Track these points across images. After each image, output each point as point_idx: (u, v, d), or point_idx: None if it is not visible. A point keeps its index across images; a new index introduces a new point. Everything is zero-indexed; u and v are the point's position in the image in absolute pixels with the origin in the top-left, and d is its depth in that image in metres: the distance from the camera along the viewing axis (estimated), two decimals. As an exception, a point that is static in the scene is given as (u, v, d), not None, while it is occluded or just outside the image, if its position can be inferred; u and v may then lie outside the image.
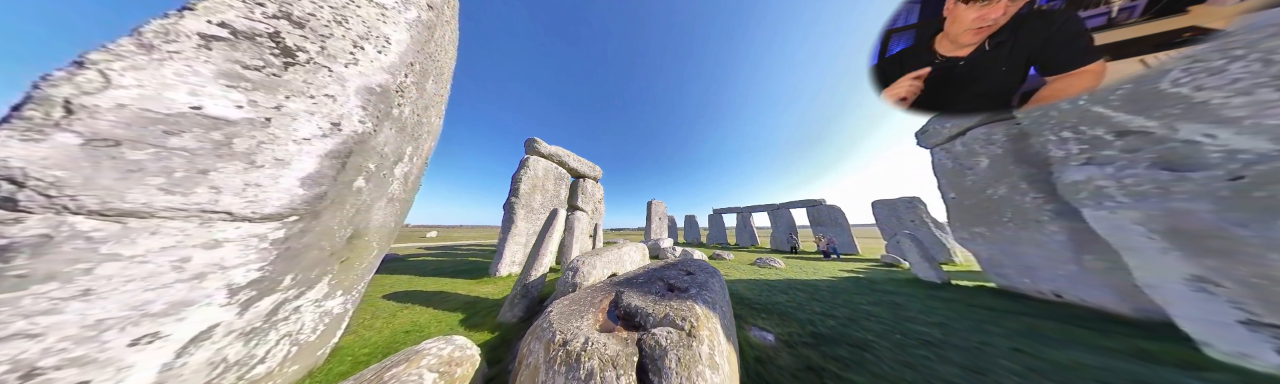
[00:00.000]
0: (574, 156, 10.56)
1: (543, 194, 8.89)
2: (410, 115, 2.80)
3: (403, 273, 7.92)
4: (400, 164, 2.75)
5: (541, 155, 9.24)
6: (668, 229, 21.63)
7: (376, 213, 2.52)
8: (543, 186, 8.95)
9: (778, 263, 9.41)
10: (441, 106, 3.69)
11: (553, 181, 9.46)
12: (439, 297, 5.20)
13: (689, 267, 3.31)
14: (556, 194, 9.59)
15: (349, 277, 2.46)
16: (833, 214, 16.96)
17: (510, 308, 3.79)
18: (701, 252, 10.55)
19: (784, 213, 18.69)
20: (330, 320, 2.41)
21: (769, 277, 7.44)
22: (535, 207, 8.44)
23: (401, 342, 3.22)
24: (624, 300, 2.08)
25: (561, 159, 9.92)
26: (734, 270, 8.31)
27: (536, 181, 8.66)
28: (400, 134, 2.60)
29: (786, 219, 18.32)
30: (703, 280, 2.71)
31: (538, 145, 9.06)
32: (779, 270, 8.58)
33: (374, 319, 3.95)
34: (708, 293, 2.23)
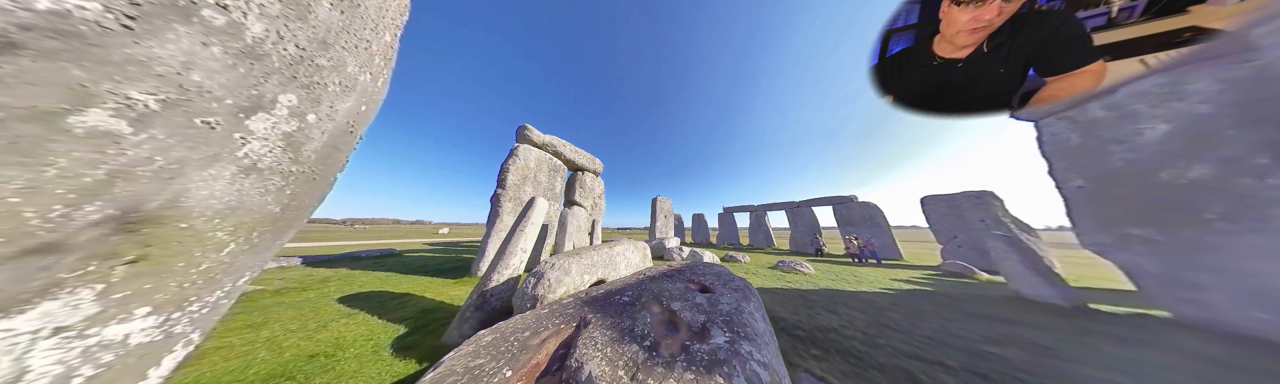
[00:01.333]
0: (571, 147, 9.66)
1: (535, 186, 8.01)
2: (292, 50, 1.91)
3: (388, 269, 7.20)
4: (263, 115, 1.84)
5: (534, 144, 8.35)
6: (674, 228, 20.54)
7: (205, 184, 1.61)
8: (535, 178, 8.07)
9: (805, 267, 8.03)
10: (374, 61, 2.77)
11: (546, 173, 8.57)
12: (400, 301, 4.35)
13: (702, 276, 2.31)
14: (550, 187, 8.69)
15: (166, 286, 1.57)
16: (867, 212, 14.82)
17: (459, 325, 2.86)
18: (712, 253, 9.42)
19: (805, 211, 17.11)
20: (126, 355, 1.52)
21: (800, 284, 6.14)
22: (525, 199, 7.56)
23: (294, 374, 2.33)
24: (579, 352, 1.11)
25: (557, 149, 9.02)
26: (753, 276, 7.10)
27: (527, 172, 7.78)
28: (253, 68, 1.69)
29: (808, 218, 16.74)
30: (731, 309, 1.59)
31: (530, 133, 8.18)
32: (809, 277, 7.19)
33: (290, 334, 3.08)
34: (750, 347, 1.15)
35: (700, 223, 23.92)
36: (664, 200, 17.03)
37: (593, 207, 10.37)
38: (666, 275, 2.48)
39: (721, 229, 21.95)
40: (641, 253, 5.13)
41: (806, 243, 15.39)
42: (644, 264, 5.05)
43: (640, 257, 4.97)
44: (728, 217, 22.00)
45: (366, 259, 9.25)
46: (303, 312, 3.80)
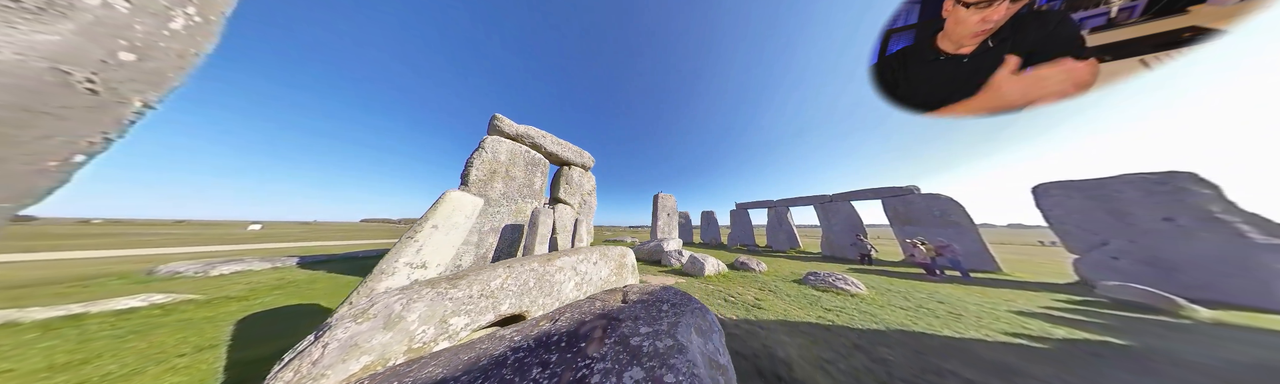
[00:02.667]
0: (553, 139, 8.79)
1: (507, 182, 7.23)
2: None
3: (343, 272, 6.76)
4: None
5: (506, 136, 7.56)
6: (679, 228, 19.21)
7: None
8: (508, 173, 7.29)
9: (850, 283, 5.46)
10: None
11: (522, 168, 7.76)
12: (310, 321, 3.66)
13: (630, 336, 1.36)
14: (527, 183, 7.88)
15: None
16: (940, 208, 11.03)
17: None
18: (717, 258, 7.61)
19: (841, 206, 14.22)
20: None
21: (848, 316, 3.89)
22: (494, 197, 6.81)
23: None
24: None
25: (535, 141, 8.17)
26: (772, 296, 5.02)
27: (497, 167, 6.99)
28: None
29: (846, 215, 13.91)
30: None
31: (501, 124, 7.37)
32: (861, 301, 4.79)
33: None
34: None
35: (710, 221, 22.38)
36: (666, 197, 15.88)
37: (581, 204, 9.53)
38: (541, 346, 1.50)
39: (734, 228, 19.31)
40: (616, 262, 4.11)
41: (847, 246, 12.55)
42: (620, 279, 4.03)
43: (612, 268, 3.96)
44: (742, 214, 20.10)
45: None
46: (183, 335, 3.20)
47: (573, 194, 9.29)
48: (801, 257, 12.74)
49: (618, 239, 20.97)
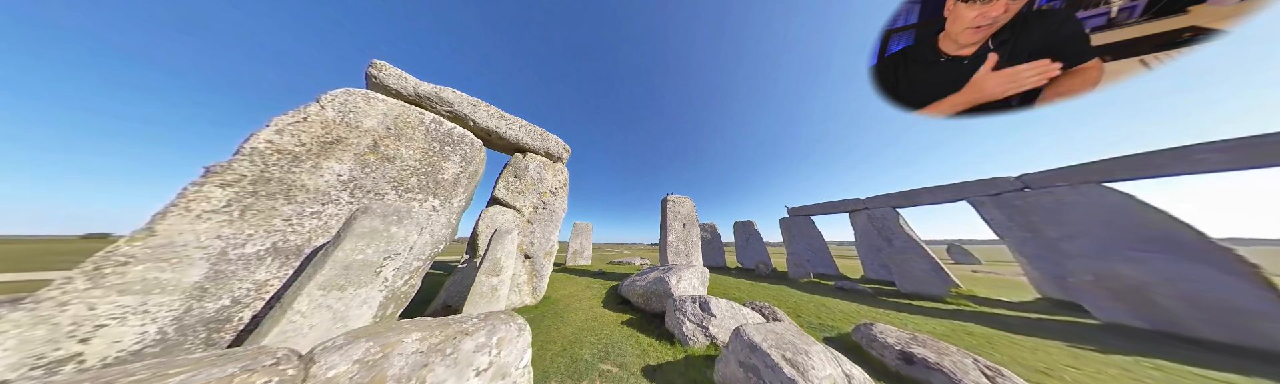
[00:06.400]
0: (492, 110, 5.84)
1: (369, 167, 4.19)
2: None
3: None
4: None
5: (394, 95, 4.75)
6: (702, 244, 14.56)
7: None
8: (381, 151, 4.32)
9: None
10: None
11: (420, 148, 4.74)
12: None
13: None
14: (428, 170, 4.78)
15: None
16: None
17: None
18: (792, 320, 3.68)
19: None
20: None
21: None
22: (319, 187, 3.72)
23: None
24: None
25: (455, 110, 5.24)
26: None
27: (342, 136, 4.03)
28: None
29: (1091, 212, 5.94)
30: None
31: (383, 75, 4.63)
32: None
33: None
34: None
35: (747, 235, 15.35)
36: (680, 200, 11.60)
37: (538, 208, 6.30)
38: None
39: (793, 247, 13.02)
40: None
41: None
42: None
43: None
44: (800, 222, 13.72)
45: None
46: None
47: (525, 192, 6.15)
48: (958, 303, 6.18)
49: (625, 261, 17.04)
